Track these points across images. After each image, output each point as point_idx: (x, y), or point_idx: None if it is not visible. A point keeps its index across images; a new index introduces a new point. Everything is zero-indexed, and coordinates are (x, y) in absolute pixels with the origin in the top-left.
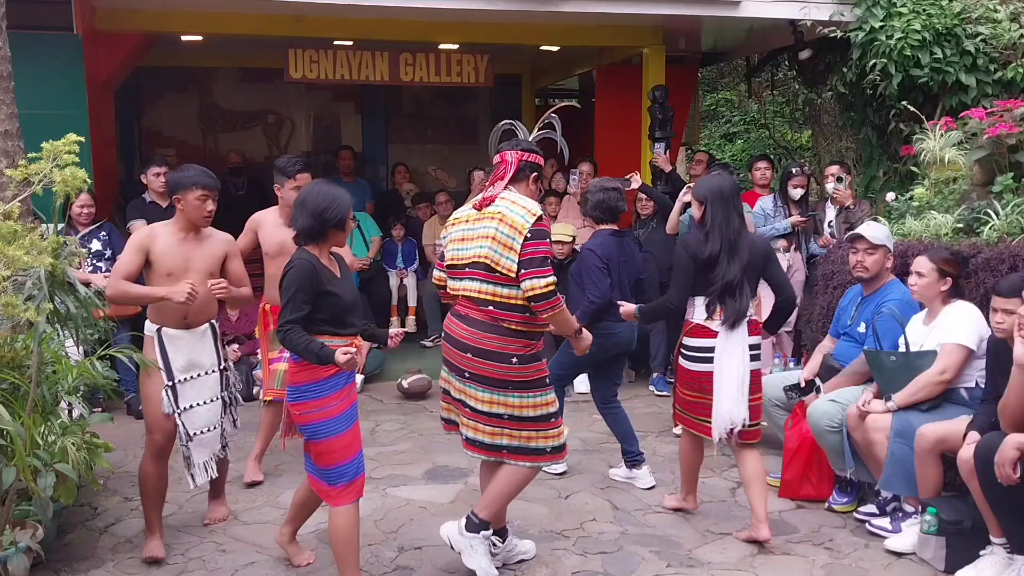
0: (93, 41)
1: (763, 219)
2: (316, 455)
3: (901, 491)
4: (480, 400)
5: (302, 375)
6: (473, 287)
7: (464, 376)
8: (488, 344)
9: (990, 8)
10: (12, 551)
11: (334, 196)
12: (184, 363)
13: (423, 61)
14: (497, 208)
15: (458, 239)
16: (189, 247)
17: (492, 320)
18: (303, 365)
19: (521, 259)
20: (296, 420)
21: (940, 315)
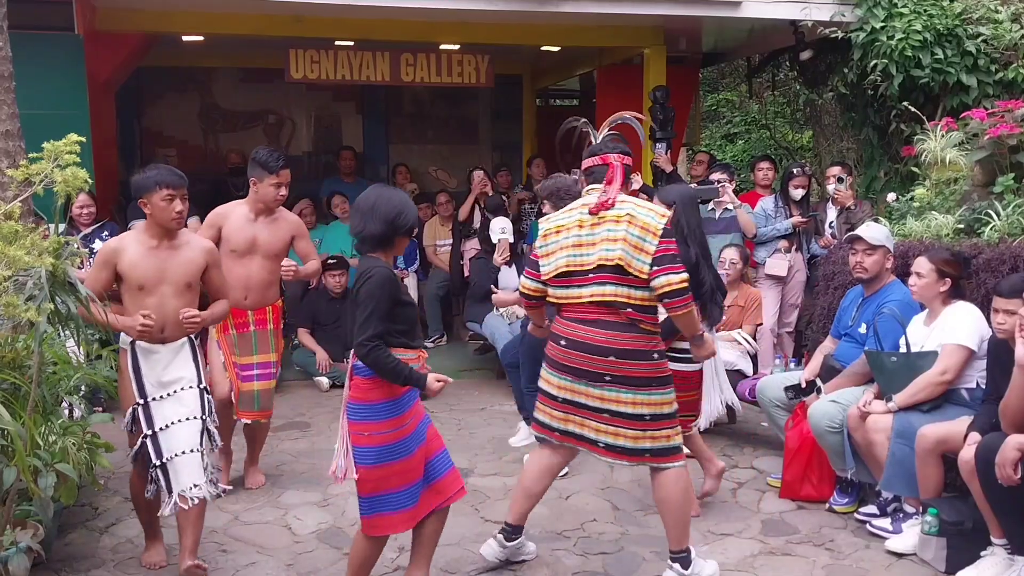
0: (94, 41)
1: (764, 219)
2: (362, 481)
3: (902, 492)
4: (624, 403)
5: (377, 393)
6: (607, 291)
7: (604, 380)
8: (630, 344)
9: (991, 9)
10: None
11: (404, 201)
12: (159, 379)
13: (424, 61)
14: (623, 211)
15: (571, 245)
16: (163, 256)
17: (630, 321)
18: (377, 382)
19: (654, 256)
20: (366, 442)
21: (941, 316)
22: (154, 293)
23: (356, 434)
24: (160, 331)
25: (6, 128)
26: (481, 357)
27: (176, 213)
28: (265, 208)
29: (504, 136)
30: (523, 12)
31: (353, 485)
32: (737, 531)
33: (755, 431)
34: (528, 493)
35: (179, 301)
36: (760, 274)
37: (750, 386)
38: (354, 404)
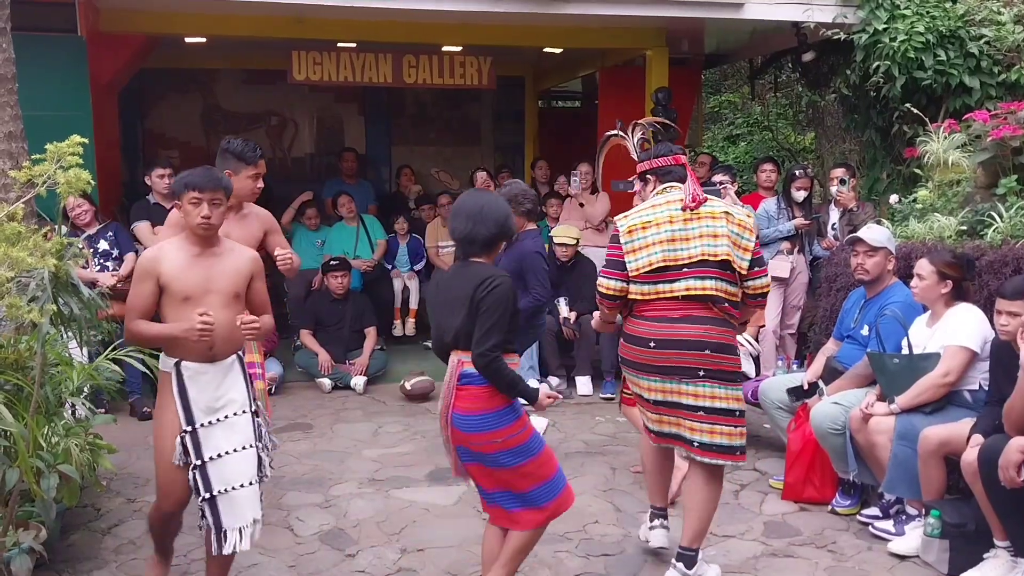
0: (97, 43)
1: (766, 221)
2: (523, 478)
3: (904, 494)
4: (719, 398)
5: (497, 400)
6: (707, 285)
7: (698, 376)
8: (724, 338)
9: (994, 10)
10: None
11: (508, 206)
12: (209, 403)
13: (426, 63)
14: (718, 208)
15: (666, 240)
16: (207, 264)
17: (723, 316)
18: (493, 390)
19: (754, 256)
20: (501, 447)
21: (943, 317)
22: (201, 304)
23: (489, 443)
24: (209, 348)
25: (9, 130)
26: None
27: (202, 218)
28: (236, 204)
29: (506, 137)
30: (525, 14)
31: (356, 487)
32: (739, 533)
33: (757, 433)
34: (654, 476)
35: (227, 313)
36: None
37: (753, 388)
38: (475, 415)
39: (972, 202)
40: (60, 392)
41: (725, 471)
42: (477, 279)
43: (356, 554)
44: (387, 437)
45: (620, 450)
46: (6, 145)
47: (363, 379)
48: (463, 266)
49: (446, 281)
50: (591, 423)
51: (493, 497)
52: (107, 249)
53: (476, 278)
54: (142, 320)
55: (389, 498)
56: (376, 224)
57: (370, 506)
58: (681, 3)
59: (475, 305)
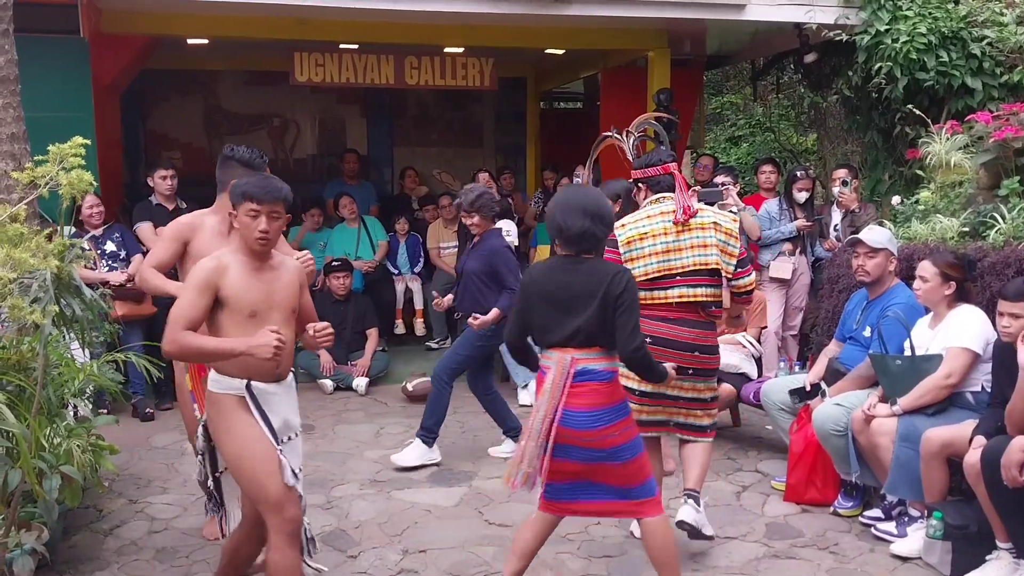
0: (99, 44)
1: (768, 222)
2: (635, 473)
3: (907, 495)
4: (701, 390)
5: (619, 394)
6: (699, 292)
7: (687, 373)
8: (710, 340)
9: (996, 11)
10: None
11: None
12: (279, 424)
13: (428, 64)
14: (708, 219)
15: (661, 251)
16: (268, 279)
17: (707, 319)
18: (615, 384)
19: (739, 258)
20: (617, 442)
21: (946, 319)
22: (267, 320)
23: (607, 437)
24: (276, 366)
25: (12, 131)
26: None
27: (260, 232)
28: None
29: (508, 138)
30: (527, 15)
31: (358, 488)
32: (741, 534)
33: (759, 434)
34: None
35: (287, 330)
36: (764, 277)
37: (755, 389)
38: (594, 411)
39: (974, 203)
40: (62, 393)
41: (727, 474)
42: (605, 275)
43: (358, 555)
44: (389, 438)
45: None
46: (9, 146)
47: (365, 380)
48: (574, 262)
49: (556, 277)
50: None
51: (596, 494)
52: (114, 250)
53: (602, 274)
54: (194, 333)
55: (391, 499)
56: (377, 225)
57: (372, 507)
58: (683, 4)
59: (610, 302)
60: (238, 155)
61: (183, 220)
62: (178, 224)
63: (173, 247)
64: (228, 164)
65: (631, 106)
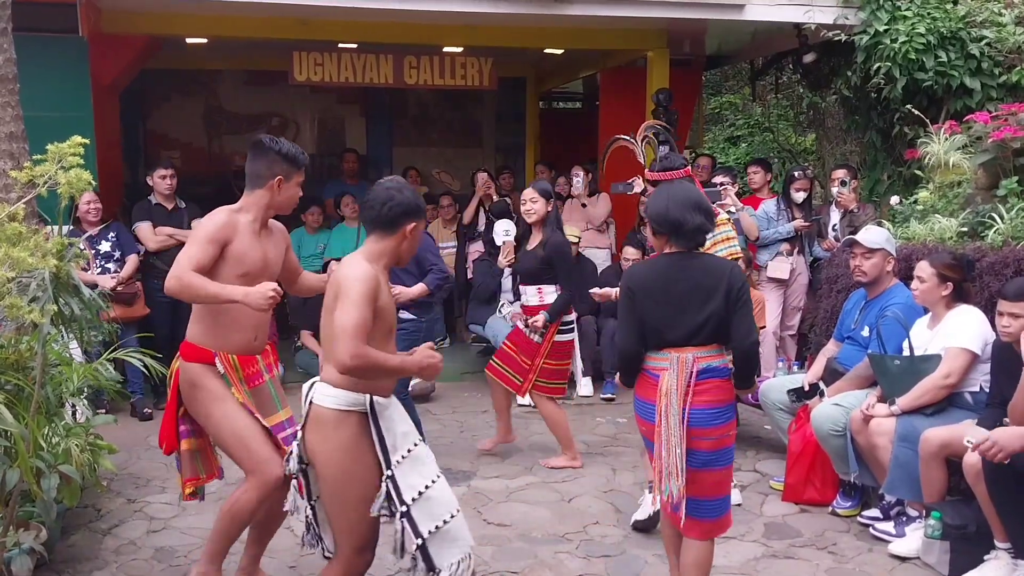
0: (98, 44)
1: (766, 222)
2: (719, 483)
3: (905, 495)
4: None
5: (733, 391)
6: None
7: None
8: None
9: (995, 12)
10: (16, 552)
11: None
12: (394, 441)
13: (427, 64)
14: (722, 216)
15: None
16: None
17: None
18: (731, 381)
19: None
20: (728, 443)
21: (944, 319)
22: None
23: (727, 436)
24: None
25: (10, 130)
26: (484, 359)
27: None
28: (271, 216)
29: (507, 138)
30: (526, 15)
31: None
32: (740, 534)
33: (758, 434)
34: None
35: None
36: (762, 277)
37: None
38: (719, 407)
39: (973, 204)
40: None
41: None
42: (723, 268)
43: None
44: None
45: (621, 451)
46: (7, 145)
47: None
48: (687, 258)
49: (671, 276)
50: (592, 424)
51: (701, 508)
52: (109, 251)
53: (720, 268)
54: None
55: None
56: None
57: None
58: (682, 4)
59: (733, 295)
60: (284, 149)
61: (220, 220)
62: (215, 224)
63: (212, 250)
64: (266, 156)
65: (630, 106)
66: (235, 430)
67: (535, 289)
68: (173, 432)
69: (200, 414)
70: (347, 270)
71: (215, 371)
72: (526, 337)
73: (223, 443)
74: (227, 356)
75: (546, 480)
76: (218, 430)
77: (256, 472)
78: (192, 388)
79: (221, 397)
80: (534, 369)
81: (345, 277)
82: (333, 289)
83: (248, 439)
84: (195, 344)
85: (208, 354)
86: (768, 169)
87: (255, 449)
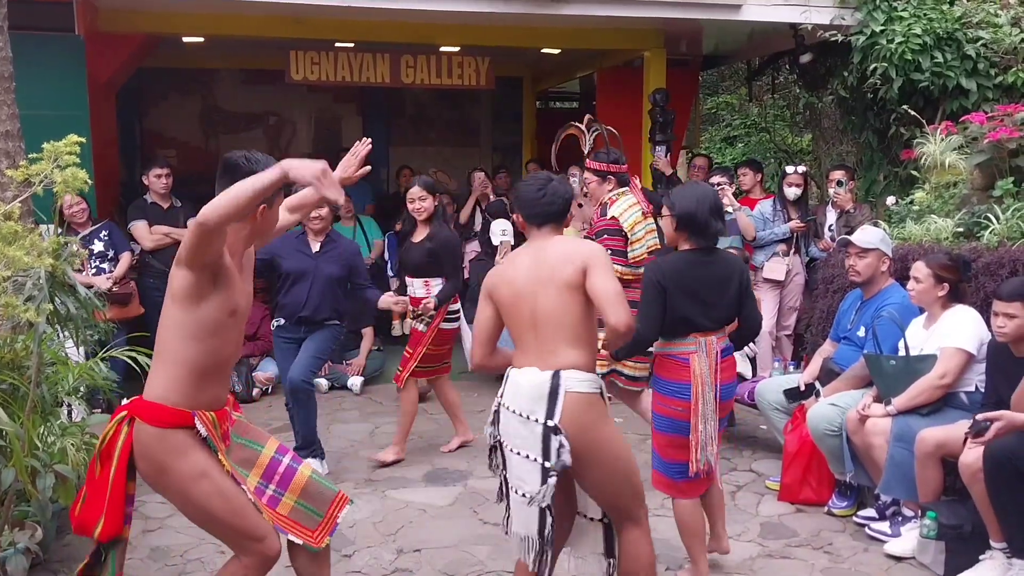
0: (95, 42)
1: (762, 223)
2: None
3: (901, 495)
4: None
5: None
6: None
7: None
8: None
9: (991, 13)
10: (11, 552)
11: None
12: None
13: (424, 63)
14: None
15: (647, 233)
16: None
17: None
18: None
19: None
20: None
21: (940, 319)
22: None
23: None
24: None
25: (6, 128)
26: None
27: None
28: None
29: (504, 138)
30: (523, 15)
31: (353, 487)
32: (736, 534)
33: (754, 434)
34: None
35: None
36: (758, 278)
37: (749, 389)
38: (734, 382)
39: (969, 204)
40: (56, 392)
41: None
42: (735, 262)
43: (352, 554)
44: (384, 438)
45: None
46: (3, 144)
47: (360, 379)
48: (708, 254)
49: (697, 270)
50: None
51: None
52: (102, 251)
53: (733, 261)
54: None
55: (386, 499)
56: (373, 224)
57: (367, 507)
58: (679, 4)
59: (744, 285)
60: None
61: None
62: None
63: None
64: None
65: (627, 106)
66: (224, 508)
67: (422, 282)
68: (119, 512)
69: (173, 493)
70: (586, 245)
71: (194, 436)
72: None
73: (210, 527)
74: (206, 415)
75: None
76: (202, 510)
77: (254, 553)
78: (162, 463)
79: (204, 471)
80: (415, 357)
81: (591, 251)
82: (573, 262)
83: (243, 519)
84: (163, 404)
85: (186, 416)
86: (758, 170)
87: (251, 529)
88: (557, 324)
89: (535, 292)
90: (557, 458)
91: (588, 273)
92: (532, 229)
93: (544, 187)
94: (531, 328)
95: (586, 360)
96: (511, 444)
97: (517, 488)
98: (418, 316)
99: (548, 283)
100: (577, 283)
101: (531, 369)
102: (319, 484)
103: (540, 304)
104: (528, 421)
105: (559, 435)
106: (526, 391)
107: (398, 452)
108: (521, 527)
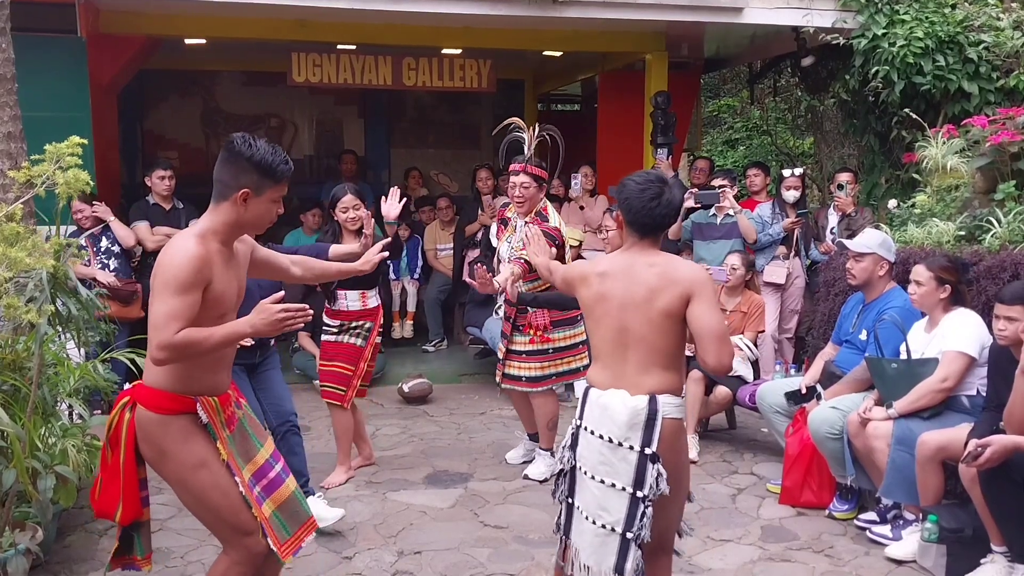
0: (97, 44)
1: (761, 226)
2: None
3: (902, 499)
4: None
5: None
6: None
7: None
8: None
9: (993, 16)
10: (12, 553)
11: None
12: None
13: (426, 66)
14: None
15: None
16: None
17: None
18: None
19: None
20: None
21: (941, 323)
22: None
23: None
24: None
25: (8, 130)
26: (481, 361)
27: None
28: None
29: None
30: (525, 17)
31: (353, 489)
32: (737, 537)
33: (755, 437)
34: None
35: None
36: (759, 282)
37: (750, 392)
38: None
39: (970, 207)
40: (57, 393)
41: (722, 477)
42: None
43: (353, 556)
44: (384, 439)
45: None
46: (5, 145)
47: None
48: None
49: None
50: None
51: None
52: (108, 246)
53: None
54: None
55: (386, 500)
56: None
57: (367, 508)
58: (681, 7)
59: None
60: (257, 156)
61: (195, 258)
62: (191, 264)
63: (193, 298)
64: (237, 164)
65: (629, 109)
66: (219, 501)
67: (357, 294)
68: (136, 496)
69: (171, 478)
70: (690, 268)
71: (196, 423)
72: (339, 347)
73: (201, 515)
74: (208, 400)
75: (543, 482)
76: (198, 499)
77: (240, 548)
78: (163, 448)
79: (203, 461)
80: (358, 375)
81: (696, 277)
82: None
83: (235, 514)
84: (164, 390)
85: (187, 402)
86: (768, 172)
87: (239, 523)
88: (650, 348)
89: (626, 309)
90: (656, 487)
91: (692, 302)
92: (632, 235)
93: (659, 195)
94: (619, 346)
95: (678, 383)
96: (592, 471)
97: (594, 518)
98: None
99: (645, 305)
100: (678, 312)
101: (620, 392)
102: (297, 503)
103: (633, 325)
104: (619, 448)
105: (657, 463)
106: (619, 416)
107: (347, 470)
108: (593, 560)
